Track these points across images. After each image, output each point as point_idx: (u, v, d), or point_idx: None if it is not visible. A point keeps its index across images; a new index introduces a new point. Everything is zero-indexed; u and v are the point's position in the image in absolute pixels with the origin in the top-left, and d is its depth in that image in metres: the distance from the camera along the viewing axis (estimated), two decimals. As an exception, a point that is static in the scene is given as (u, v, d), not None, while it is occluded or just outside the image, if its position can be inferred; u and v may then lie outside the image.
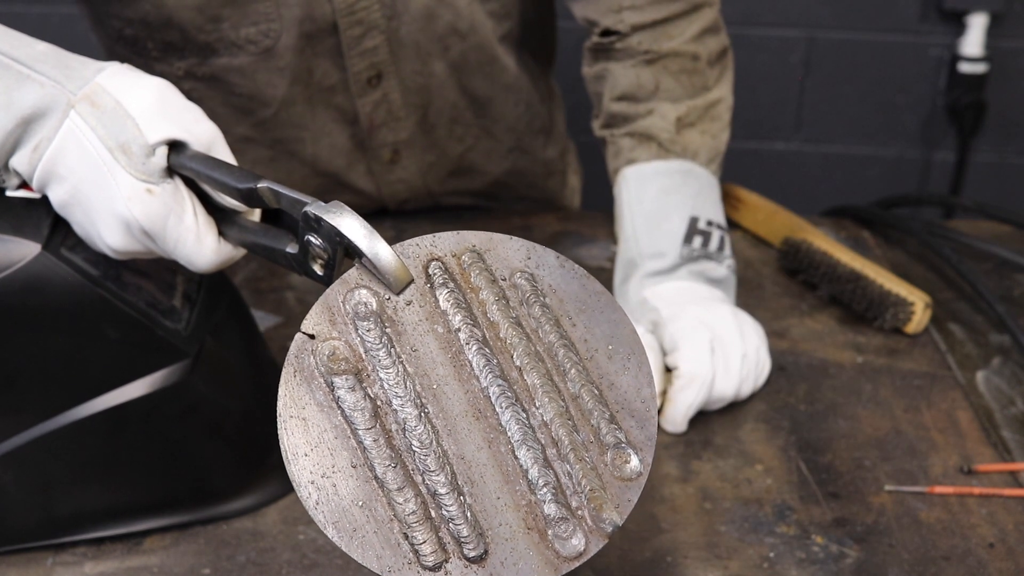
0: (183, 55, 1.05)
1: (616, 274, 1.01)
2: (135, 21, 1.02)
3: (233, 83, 1.07)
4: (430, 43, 1.08)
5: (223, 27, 1.02)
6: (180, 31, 1.02)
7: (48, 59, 0.66)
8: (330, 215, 0.58)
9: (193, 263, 0.68)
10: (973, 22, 1.99)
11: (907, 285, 1.02)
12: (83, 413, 0.72)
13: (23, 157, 0.66)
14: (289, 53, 1.04)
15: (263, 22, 1.02)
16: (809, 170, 2.19)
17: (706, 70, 1.03)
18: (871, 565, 0.76)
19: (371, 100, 1.10)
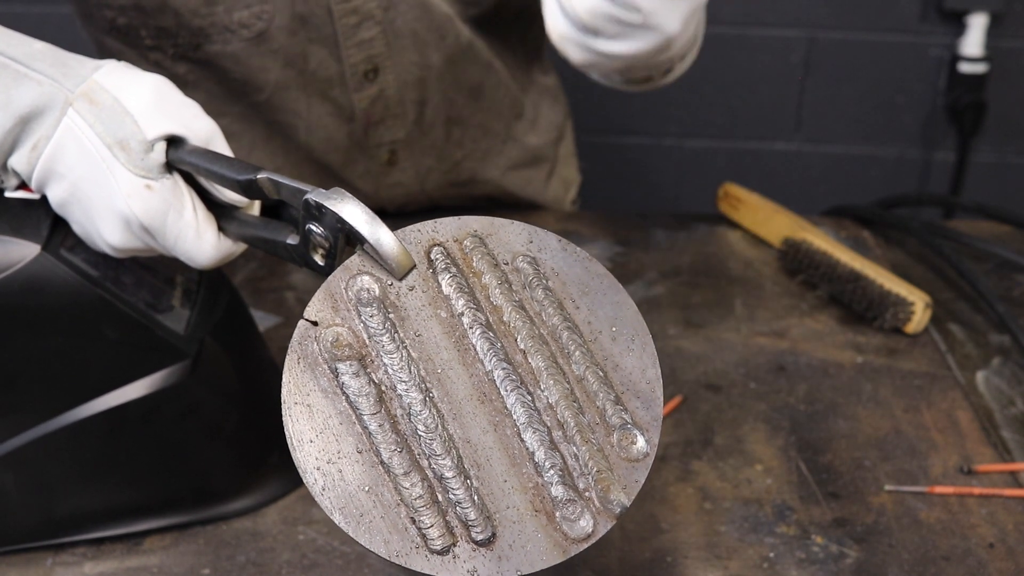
0: (176, 42, 1.05)
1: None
2: (128, 8, 1.02)
3: (226, 68, 1.07)
4: (427, 32, 1.08)
5: (218, 10, 1.02)
6: (175, 15, 1.02)
7: (45, 57, 0.66)
8: (331, 201, 0.58)
9: (193, 259, 0.68)
10: (973, 22, 1.99)
11: (907, 285, 1.02)
12: (83, 414, 0.72)
13: (22, 156, 0.66)
14: (282, 35, 1.04)
15: (256, 4, 1.02)
16: (809, 170, 2.19)
17: None
18: (871, 565, 0.76)
19: (368, 95, 1.10)
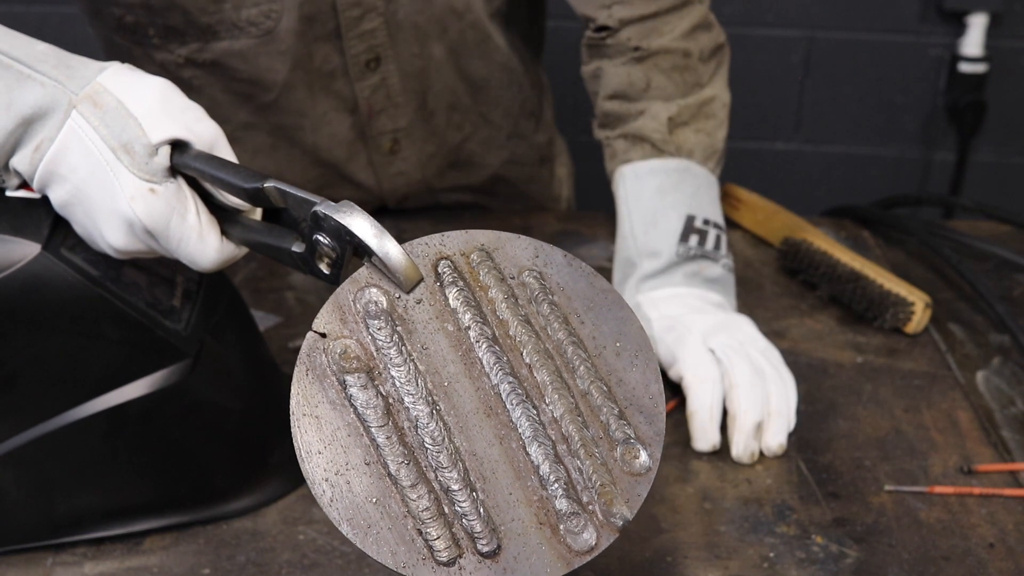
0: (184, 40, 1.05)
1: (615, 274, 1.01)
2: (137, 6, 1.03)
3: (234, 68, 1.07)
4: (428, 24, 1.09)
5: (226, 7, 1.02)
6: (183, 13, 1.02)
7: (49, 59, 0.66)
8: (340, 215, 0.59)
9: (196, 262, 0.68)
10: (973, 22, 1.99)
11: (907, 285, 1.02)
12: (83, 413, 0.72)
13: (24, 157, 0.66)
14: (290, 36, 1.04)
15: (264, 3, 1.02)
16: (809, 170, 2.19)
17: (699, 67, 1.03)
18: (871, 565, 0.76)
19: (370, 84, 1.10)
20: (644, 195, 1.00)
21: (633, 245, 0.99)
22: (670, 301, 0.95)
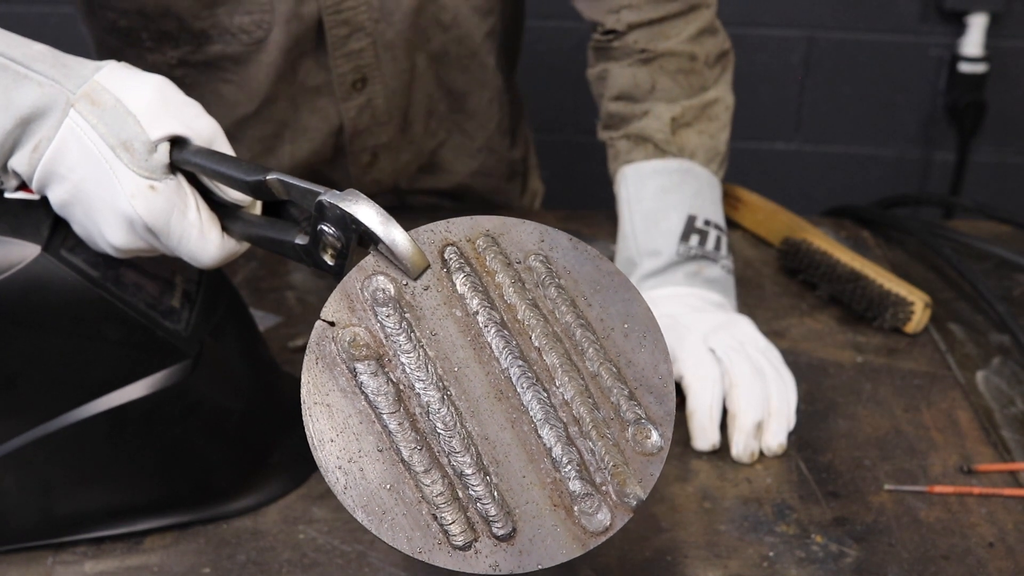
0: (177, 44, 1.05)
1: None
2: (131, 12, 1.03)
3: (225, 68, 1.07)
4: (415, 36, 1.09)
5: (218, 12, 1.02)
6: (177, 19, 1.02)
7: (45, 59, 0.66)
8: (346, 203, 0.59)
9: (197, 259, 0.68)
10: (973, 22, 1.99)
11: (907, 285, 1.02)
12: (83, 414, 0.72)
13: (22, 157, 0.66)
14: (276, 51, 1.04)
15: (257, 12, 1.02)
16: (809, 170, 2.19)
17: (704, 70, 1.03)
18: (871, 564, 0.76)
19: (355, 104, 1.11)
20: (646, 195, 1.00)
21: (634, 244, 0.99)
22: (670, 300, 0.95)
